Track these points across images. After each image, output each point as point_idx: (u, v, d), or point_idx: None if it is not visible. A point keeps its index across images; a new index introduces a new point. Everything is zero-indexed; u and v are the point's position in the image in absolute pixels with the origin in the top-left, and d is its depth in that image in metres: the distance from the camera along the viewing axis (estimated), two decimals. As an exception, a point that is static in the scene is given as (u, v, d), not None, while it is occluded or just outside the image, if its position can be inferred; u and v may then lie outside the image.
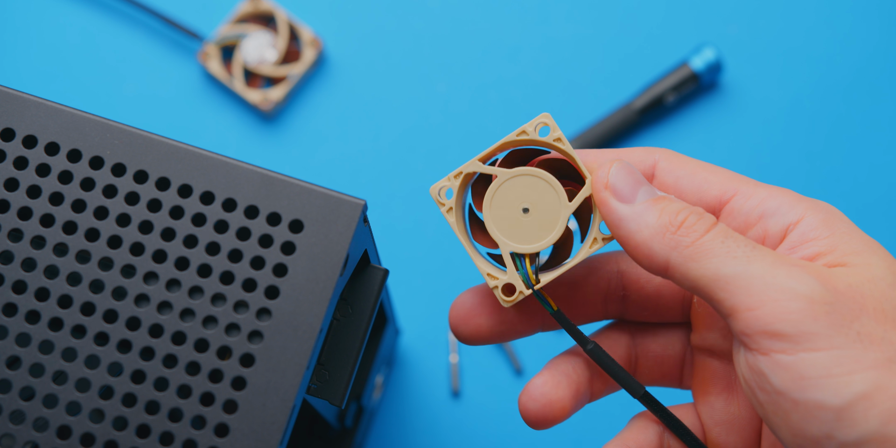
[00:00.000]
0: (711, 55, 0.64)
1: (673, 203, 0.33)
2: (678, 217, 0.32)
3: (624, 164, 0.34)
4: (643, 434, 0.37)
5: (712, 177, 0.35)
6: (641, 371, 0.39)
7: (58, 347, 0.33)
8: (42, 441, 0.33)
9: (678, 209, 0.33)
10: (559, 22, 0.67)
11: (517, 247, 0.36)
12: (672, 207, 0.33)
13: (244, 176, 0.34)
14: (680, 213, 0.32)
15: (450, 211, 0.36)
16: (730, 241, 0.31)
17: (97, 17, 0.67)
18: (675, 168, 0.35)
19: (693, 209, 0.33)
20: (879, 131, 0.65)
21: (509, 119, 0.66)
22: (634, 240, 0.33)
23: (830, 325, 0.29)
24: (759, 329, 0.30)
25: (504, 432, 0.61)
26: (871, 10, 0.67)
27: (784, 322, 0.29)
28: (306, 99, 0.66)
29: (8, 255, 0.34)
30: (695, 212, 0.32)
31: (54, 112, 0.35)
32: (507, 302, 0.36)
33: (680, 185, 0.35)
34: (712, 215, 0.33)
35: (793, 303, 0.30)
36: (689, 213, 0.32)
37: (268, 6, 0.66)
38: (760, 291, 0.30)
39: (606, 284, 0.38)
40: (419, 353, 0.63)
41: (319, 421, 0.51)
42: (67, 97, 0.65)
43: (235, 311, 0.33)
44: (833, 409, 0.29)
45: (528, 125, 0.36)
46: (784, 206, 0.34)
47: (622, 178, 0.34)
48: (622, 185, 0.34)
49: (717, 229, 0.32)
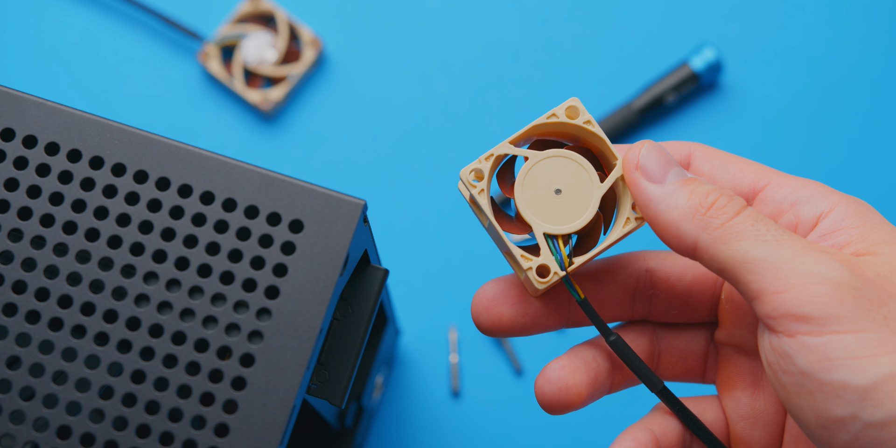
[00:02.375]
0: (711, 55, 0.64)
1: (703, 185, 0.33)
2: (708, 198, 0.32)
3: (654, 145, 0.34)
4: (667, 420, 0.37)
5: (746, 167, 0.36)
6: (664, 366, 0.39)
7: (58, 347, 0.33)
8: (42, 441, 0.33)
9: (708, 191, 0.33)
10: (559, 22, 0.67)
11: (551, 228, 0.35)
12: (702, 189, 0.33)
13: (244, 176, 0.34)
14: (710, 195, 0.32)
15: (482, 193, 0.35)
16: (759, 224, 0.31)
17: (97, 17, 0.67)
18: (710, 157, 0.36)
19: (723, 191, 0.33)
20: (879, 131, 0.65)
21: (509, 119, 0.66)
22: (664, 220, 0.33)
23: (858, 309, 0.29)
24: (785, 311, 0.30)
25: (504, 432, 0.61)
26: (871, 10, 0.67)
27: (812, 305, 0.30)
28: (306, 99, 0.66)
29: (8, 255, 0.34)
30: (725, 194, 0.33)
31: (54, 112, 0.35)
32: (542, 283, 0.35)
33: (715, 172, 0.36)
34: (742, 198, 0.33)
35: (821, 287, 0.30)
36: (720, 195, 0.32)
37: (268, 6, 0.66)
38: (788, 275, 0.30)
39: (635, 282, 0.38)
40: (419, 353, 0.63)
41: (319, 421, 0.51)
42: (67, 97, 0.65)
43: (235, 311, 0.33)
44: (859, 389, 0.29)
45: (558, 109, 0.36)
46: (817, 195, 0.34)
47: (653, 158, 0.34)
48: (653, 165, 0.34)
49: (746, 212, 0.32)
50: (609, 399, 0.61)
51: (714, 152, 0.36)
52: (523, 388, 0.62)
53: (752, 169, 0.36)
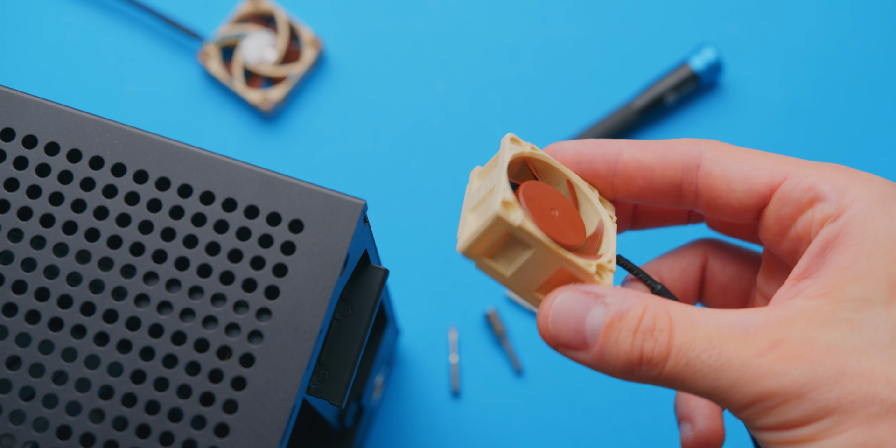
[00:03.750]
0: (711, 55, 0.64)
1: (622, 335, 0.32)
2: (634, 351, 0.32)
3: (559, 306, 0.33)
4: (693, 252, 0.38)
5: (761, 162, 0.35)
6: (706, 297, 0.39)
7: (58, 347, 0.33)
8: (42, 441, 0.33)
9: (630, 344, 0.32)
10: (559, 22, 0.67)
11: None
12: (623, 345, 0.32)
13: (244, 176, 0.34)
14: (634, 346, 0.32)
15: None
16: (693, 361, 0.31)
17: (97, 17, 0.67)
18: (721, 158, 0.35)
19: (643, 328, 0.32)
20: (879, 131, 0.65)
21: (509, 119, 0.66)
22: (616, 375, 0.33)
23: (811, 408, 0.30)
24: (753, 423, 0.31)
25: (504, 432, 0.61)
26: (871, 10, 0.67)
27: (772, 417, 0.30)
28: (306, 99, 0.66)
29: (8, 255, 0.34)
30: (646, 333, 0.32)
31: (54, 112, 0.35)
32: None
33: (728, 174, 0.35)
34: (667, 321, 0.32)
35: (776, 398, 0.30)
36: (643, 340, 0.32)
37: (268, 6, 0.66)
38: (744, 391, 0.31)
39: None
40: (419, 353, 0.63)
41: (319, 421, 0.51)
42: (67, 97, 0.65)
43: (235, 311, 0.33)
44: None
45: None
46: (834, 191, 0.33)
47: (563, 326, 0.33)
48: (567, 334, 0.33)
49: (674, 354, 0.32)
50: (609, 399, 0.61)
51: (725, 152, 0.35)
52: (523, 388, 0.62)
53: (768, 163, 0.34)
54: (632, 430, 0.61)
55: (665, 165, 0.35)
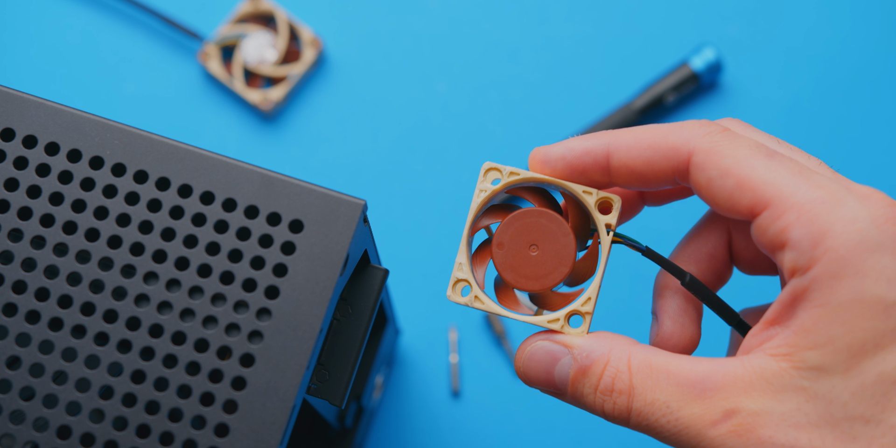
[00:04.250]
0: (711, 55, 0.64)
1: (585, 387, 0.33)
2: (597, 409, 0.33)
3: (530, 357, 0.35)
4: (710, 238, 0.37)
5: (746, 181, 0.31)
6: (741, 268, 0.39)
7: (58, 347, 0.33)
8: (42, 441, 0.33)
9: (592, 401, 0.33)
10: (559, 22, 0.67)
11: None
12: (588, 399, 0.33)
13: (244, 176, 0.34)
14: (596, 403, 0.33)
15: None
16: (653, 424, 0.32)
17: (97, 17, 0.67)
18: (707, 166, 0.32)
19: (602, 388, 0.33)
20: (879, 131, 0.65)
21: (509, 119, 0.66)
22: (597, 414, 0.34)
23: None
24: None
25: (504, 432, 0.61)
26: (871, 10, 0.67)
27: None
28: (306, 99, 0.66)
29: (8, 255, 0.34)
30: (605, 394, 0.33)
31: (54, 112, 0.35)
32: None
33: (712, 188, 0.32)
34: (627, 381, 0.33)
35: None
36: (602, 400, 0.33)
37: (268, 6, 0.66)
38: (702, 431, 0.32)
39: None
40: (419, 353, 0.63)
41: (319, 421, 0.51)
42: (67, 97, 0.65)
43: (235, 311, 0.33)
44: None
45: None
46: (806, 240, 0.30)
47: (533, 374, 0.35)
48: (538, 382, 0.35)
49: (634, 416, 0.33)
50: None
51: (712, 158, 0.32)
52: (523, 388, 0.62)
53: (753, 183, 0.31)
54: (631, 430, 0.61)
55: (655, 170, 0.34)
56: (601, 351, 0.33)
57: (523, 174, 0.36)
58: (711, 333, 0.45)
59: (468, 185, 0.64)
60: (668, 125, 0.34)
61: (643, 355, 0.33)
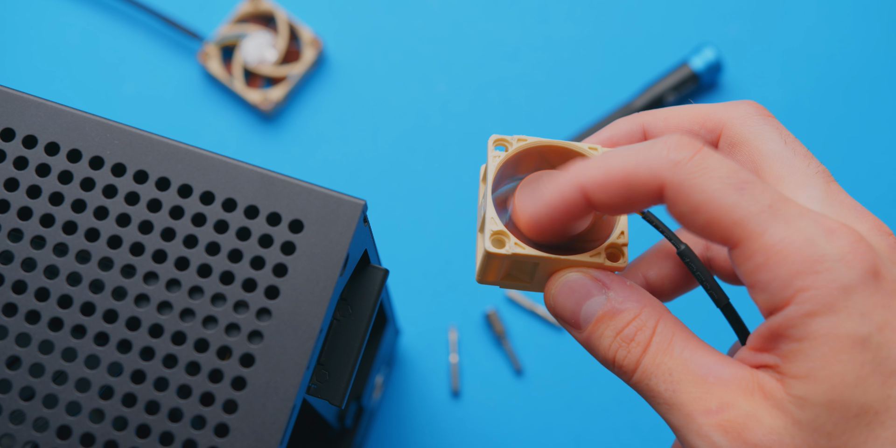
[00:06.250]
0: (711, 55, 0.64)
1: (607, 329, 0.33)
2: (609, 353, 0.33)
3: (564, 284, 0.34)
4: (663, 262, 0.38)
5: (716, 220, 0.31)
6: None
7: (58, 347, 0.33)
8: (42, 441, 0.33)
9: (608, 345, 0.33)
10: (559, 22, 0.67)
11: None
12: (605, 341, 0.33)
13: (244, 176, 0.34)
14: (611, 348, 0.33)
15: None
16: (652, 387, 0.32)
17: (97, 17, 0.67)
18: (678, 202, 0.31)
19: (624, 335, 0.33)
20: (879, 131, 0.65)
21: (509, 119, 0.66)
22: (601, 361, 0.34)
23: None
24: None
25: (504, 432, 0.61)
26: (871, 10, 0.67)
27: None
28: (306, 99, 0.66)
29: (8, 255, 0.34)
30: (624, 341, 0.33)
31: (54, 112, 0.35)
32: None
33: (685, 221, 0.32)
34: (647, 336, 0.33)
35: None
36: (618, 346, 0.33)
37: (268, 6, 0.66)
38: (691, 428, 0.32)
39: None
40: (419, 353, 0.63)
41: (319, 421, 0.51)
42: (67, 97, 0.65)
43: (235, 311, 0.33)
44: None
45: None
46: (776, 281, 0.30)
47: (561, 303, 0.34)
48: (562, 311, 0.34)
49: (639, 372, 0.32)
50: (609, 399, 0.61)
51: (682, 193, 0.31)
52: (523, 388, 0.62)
53: (721, 223, 0.30)
54: (631, 431, 0.61)
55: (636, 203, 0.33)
56: (637, 302, 0.33)
57: (531, 140, 0.36)
58: (712, 333, 0.45)
59: (468, 185, 0.64)
60: (637, 150, 0.32)
61: (672, 323, 0.33)
